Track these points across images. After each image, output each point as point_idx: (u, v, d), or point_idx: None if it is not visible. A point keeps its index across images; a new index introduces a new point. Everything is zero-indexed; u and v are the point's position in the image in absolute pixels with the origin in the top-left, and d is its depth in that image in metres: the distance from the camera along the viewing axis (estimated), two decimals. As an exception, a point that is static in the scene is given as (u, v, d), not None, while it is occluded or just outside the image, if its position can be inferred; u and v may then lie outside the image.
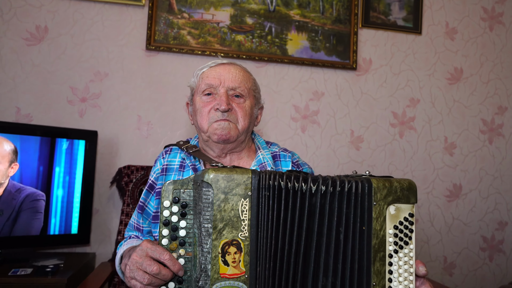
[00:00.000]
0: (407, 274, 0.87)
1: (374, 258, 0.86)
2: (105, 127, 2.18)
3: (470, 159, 2.54)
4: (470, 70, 2.57)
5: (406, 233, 0.88)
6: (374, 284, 0.85)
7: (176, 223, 0.88)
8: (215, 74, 1.21)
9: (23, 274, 1.62)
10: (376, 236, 0.86)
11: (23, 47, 2.13)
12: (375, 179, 0.88)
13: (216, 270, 0.83)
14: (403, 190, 0.88)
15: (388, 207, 0.87)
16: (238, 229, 0.84)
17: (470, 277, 2.50)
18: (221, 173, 0.85)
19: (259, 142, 1.32)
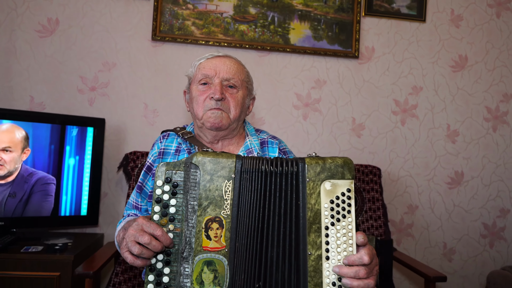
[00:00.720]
0: (345, 245, 0.93)
1: (309, 229, 0.93)
2: (113, 115, 2.28)
3: (473, 147, 2.55)
4: (475, 58, 2.56)
5: (344, 207, 0.94)
6: (309, 253, 0.92)
7: (167, 201, 0.97)
8: (211, 66, 1.31)
9: (34, 251, 1.76)
10: (311, 210, 0.93)
11: (36, 39, 2.24)
12: (309, 158, 0.95)
13: (199, 243, 0.92)
14: (337, 167, 0.95)
15: (323, 183, 0.94)
16: (221, 207, 0.93)
17: (469, 263, 2.54)
18: (208, 156, 0.95)
19: (249, 130, 1.41)
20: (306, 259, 0.93)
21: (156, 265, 0.96)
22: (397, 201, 2.49)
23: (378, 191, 2.28)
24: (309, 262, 0.93)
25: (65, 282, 1.74)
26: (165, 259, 0.96)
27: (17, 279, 1.72)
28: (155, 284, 0.95)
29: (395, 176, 2.49)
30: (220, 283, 0.92)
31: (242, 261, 0.94)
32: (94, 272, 1.58)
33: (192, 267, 0.92)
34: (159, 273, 0.96)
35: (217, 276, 0.92)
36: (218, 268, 0.93)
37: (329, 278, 0.93)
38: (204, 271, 0.92)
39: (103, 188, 2.27)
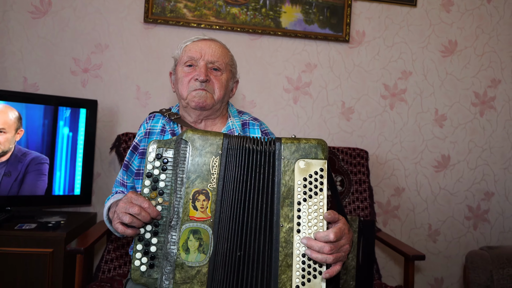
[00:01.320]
0: (316, 221, 1.00)
1: (283, 203, 1.00)
2: (106, 97, 2.32)
3: (460, 131, 2.60)
4: (465, 43, 2.59)
5: (316, 185, 1.01)
6: (282, 225, 1.00)
7: (157, 175, 1.04)
8: (197, 48, 1.36)
9: (27, 228, 1.81)
10: (284, 185, 1.01)
11: (29, 20, 2.26)
12: (285, 138, 1.03)
13: (186, 213, 1.00)
14: (311, 147, 1.02)
15: (297, 161, 1.01)
16: (208, 181, 1.01)
17: (453, 244, 2.62)
18: (198, 133, 1.03)
19: (231, 111, 1.46)
20: (279, 231, 1.00)
21: (144, 236, 1.03)
22: (385, 183, 2.55)
23: (365, 174, 2.34)
24: (281, 233, 1.00)
25: (58, 258, 1.80)
26: (154, 230, 1.03)
27: (11, 255, 1.78)
28: (143, 253, 1.02)
29: (383, 159, 2.54)
30: (204, 250, 1.00)
31: (225, 231, 1.01)
32: (85, 248, 1.65)
33: (179, 234, 0.99)
34: (147, 243, 1.03)
35: (202, 244, 1.00)
36: (203, 236, 1.00)
37: (299, 249, 1.00)
38: (190, 239, 1.00)
39: (96, 168, 2.32)
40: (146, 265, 1.02)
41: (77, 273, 1.65)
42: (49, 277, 1.80)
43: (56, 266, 1.81)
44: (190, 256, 0.99)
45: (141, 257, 1.02)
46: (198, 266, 1.00)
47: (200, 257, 1.00)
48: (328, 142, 2.49)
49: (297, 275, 0.99)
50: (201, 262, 1.00)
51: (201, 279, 0.99)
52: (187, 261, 0.99)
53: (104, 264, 2.06)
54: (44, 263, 1.79)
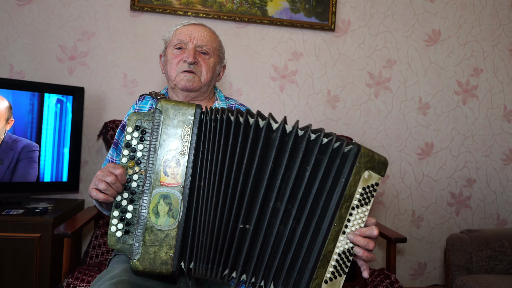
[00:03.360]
0: (358, 227, 1.05)
1: (342, 205, 1.03)
2: (93, 84, 2.33)
3: (443, 119, 2.65)
4: (448, 32, 2.63)
5: (369, 196, 1.05)
6: (335, 224, 1.03)
7: (135, 146, 1.06)
8: (186, 32, 1.41)
9: (15, 213, 1.83)
10: (349, 189, 1.03)
11: (14, 7, 2.25)
12: (363, 147, 1.04)
13: (157, 178, 1.03)
14: (379, 163, 1.05)
15: (365, 171, 1.03)
16: (180, 148, 1.04)
17: (436, 230, 2.68)
18: (171, 103, 1.05)
19: (219, 96, 1.51)
20: (330, 229, 1.03)
21: (121, 203, 1.05)
22: (369, 170, 2.59)
23: (350, 161, 2.38)
24: (332, 232, 1.03)
25: (45, 242, 1.82)
26: (130, 197, 1.05)
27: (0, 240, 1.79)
28: (119, 219, 1.04)
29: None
30: (174, 215, 1.03)
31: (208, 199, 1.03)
32: (72, 232, 1.67)
33: (149, 199, 1.03)
34: (124, 210, 1.05)
35: (171, 208, 1.03)
36: (173, 201, 1.03)
37: (339, 248, 1.04)
38: (160, 203, 1.03)
39: (83, 155, 2.33)
40: (121, 231, 1.04)
41: (64, 257, 1.67)
42: (37, 261, 1.82)
43: (44, 250, 1.83)
44: (160, 219, 1.03)
45: (117, 223, 1.04)
46: (167, 229, 1.03)
47: (169, 221, 1.03)
48: (314, 129, 2.52)
49: (330, 270, 1.04)
50: (170, 226, 1.03)
51: (169, 243, 1.03)
52: (157, 224, 1.03)
53: (92, 250, 2.08)
54: (32, 247, 1.81)
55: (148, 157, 1.04)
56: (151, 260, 1.03)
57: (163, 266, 1.03)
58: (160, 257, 1.03)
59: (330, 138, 1.05)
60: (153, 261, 1.03)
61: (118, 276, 1.12)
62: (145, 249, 1.02)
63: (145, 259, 1.02)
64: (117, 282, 1.08)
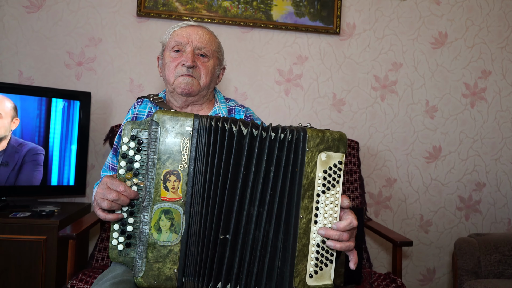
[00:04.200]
0: (332, 212, 1.02)
1: (304, 195, 1.01)
2: (99, 89, 2.36)
3: (451, 122, 2.62)
4: (455, 35, 2.61)
5: (334, 177, 1.02)
6: (301, 217, 1.01)
7: (132, 156, 1.04)
8: (184, 34, 1.38)
9: (21, 216, 1.85)
10: (306, 177, 1.00)
11: (23, 14, 2.30)
12: (310, 129, 1.02)
13: (158, 193, 1.01)
14: (334, 140, 1.02)
15: (320, 154, 1.01)
16: (179, 161, 1.01)
17: (445, 234, 2.64)
18: (168, 114, 1.02)
19: (218, 97, 1.49)
20: (298, 222, 1.01)
21: (122, 216, 1.04)
22: (376, 174, 2.57)
23: (356, 164, 2.36)
24: (300, 225, 1.01)
25: (51, 245, 1.84)
26: (129, 210, 1.05)
27: (6, 242, 1.82)
28: (120, 232, 1.04)
29: (374, 150, 2.56)
30: (176, 230, 1.01)
31: (198, 212, 1.02)
32: (77, 234, 1.68)
33: (150, 215, 1.01)
34: (124, 223, 1.05)
35: (173, 224, 1.01)
36: (175, 216, 1.01)
37: (315, 239, 1.02)
38: (161, 219, 1.01)
39: (90, 160, 2.35)
40: (123, 244, 1.04)
41: (69, 258, 1.68)
42: (43, 263, 1.84)
43: (50, 253, 1.85)
44: (162, 235, 1.01)
45: (118, 236, 1.04)
46: (170, 245, 1.01)
47: (171, 236, 1.01)
48: (320, 133, 2.51)
49: (312, 264, 1.02)
50: (173, 242, 1.01)
51: (173, 258, 1.01)
52: (159, 241, 1.01)
53: (97, 253, 2.09)
54: (37, 250, 1.84)
55: (147, 171, 1.03)
56: (155, 276, 1.01)
57: (168, 282, 1.02)
58: (164, 273, 1.02)
59: (285, 133, 1.04)
60: (157, 277, 1.01)
61: (121, 276, 1.12)
62: (149, 265, 1.01)
63: (149, 275, 1.01)
64: (119, 281, 1.08)
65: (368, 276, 1.97)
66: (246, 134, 1.04)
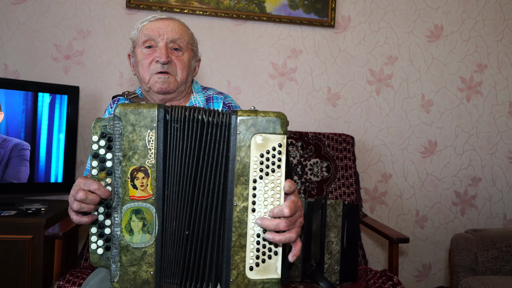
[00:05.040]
0: (272, 199, 0.94)
1: (237, 181, 0.94)
2: (88, 83, 2.29)
3: (447, 117, 2.59)
4: (451, 28, 2.58)
5: (274, 162, 0.94)
6: (235, 204, 0.94)
7: (103, 155, 0.97)
8: (154, 27, 1.30)
9: (6, 215, 1.79)
10: (239, 162, 0.94)
11: (8, 6, 2.22)
12: (241, 111, 0.95)
13: (126, 192, 0.94)
14: (269, 121, 0.94)
15: (254, 136, 0.93)
16: (146, 157, 0.94)
17: (441, 230, 2.61)
18: (129, 107, 0.95)
19: (195, 88, 1.42)
20: (232, 210, 0.94)
21: (98, 218, 0.99)
22: (371, 169, 2.54)
23: (351, 159, 2.32)
24: (235, 213, 0.94)
25: (37, 244, 1.78)
26: (106, 211, 0.99)
27: (-10, 241, 1.76)
28: (98, 235, 0.98)
29: (370, 145, 2.53)
30: (149, 230, 0.95)
31: (173, 208, 0.96)
32: (64, 233, 1.62)
33: (121, 216, 0.95)
34: (101, 225, 0.99)
35: (145, 224, 0.95)
36: (147, 216, 0.95)
37: (253, 229, 0.94)
38: (132, 219, 0.95)
39: (79, 156, 2.29)
40: (102, 247, 0.98)
41: (55, 259, 1.63)
42: (29, 263, 1.78)
43: (36, 252, 1.78)
44: (135, 237, 0.95)
45: (96, 240, 0.98)
46: (144, 247, 0.95)
47: (145, 237, 0.95)
48: (314, 128, 2.47)
49: (251, 255, 0.95)
50: (147, 243, 0.96)
51: (148, 260, 0.96)
52: (132, 243, 0.95)
53: (86, 252, 2.03)
54: (23, 249, 1.77)
55: (113, 170, 0.96)
56: (131, 281, 0.96)
57: (145, 286, 0.96)
58: (140, 276, 0.96)
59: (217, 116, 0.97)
60: (133, 281, 0.96)
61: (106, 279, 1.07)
62: (124, 270, 0.95)
63: (125, 280, 0.95)
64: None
65: (364, 273, 1.93)
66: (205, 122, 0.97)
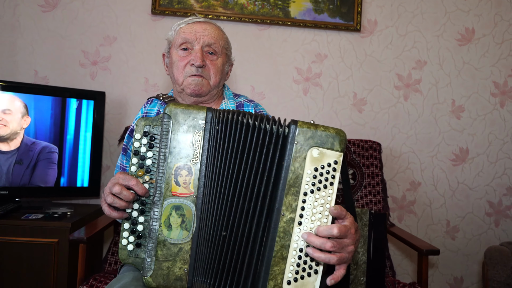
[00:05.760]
0: (320, 215, 0.92)
1: (288, 191, 0.93)
2: (114, 89, 2.32)
3: (479, 123, 2.49)
4: (483, 31, 2.48)
5: (327, 178, 0.93)
6: (283, 214, 0.93)
7: (144, 153, 1.00)
8: (191, 30, 1.32)
9: (33, 218, 1.81)
10: (293, 172, 0.93)
11: (39, 14, 2.28)
12: (301, 122, 0.95)
13: (168, 188, 0.97)
14: (328, 136, 0.93)
15: (311, 149, 0.93)
16: (191, 156, 0.97)
17: (473, 241, 2.50)
18: (180, 107, 0.99)
19: (227, 94, 1.43)
20: (278, 219, 0.93)
21: (131, 214, 0.99)
22: (399, 177, 2.46)
23: (378, 167, 2.26)
24: (281, 223, 0.93)
25: (63, 248, 1.80)
26: (140, 208, 0.99)
27: (17, 245, 1.78)
28: (130, 231, 0.99)
29: (397, 152, 2.45)
30: (187, 227, 0.97)
31: (211, 208, 0.96)
32: (88, 238, 1.62)
33: (161, 210, 0.97)
34: (134, 222, 0.99)
35: (184, 220, 0.96)
36: (186, 213, 0.97)
37: (297, 243, 0.93)
38: (172, 215, 0.97)
39: (105, 161, 2.31)
40: (133, 244, 0.99)
41: (79, 263, 1.63)
42: (55, 266, 1.79)
43: (61, 256, 1.80)
44: (173, 232, 0.96)
45: (128, 236, 0.99)
46: (181, 243, 0.96)
47: (182, 234, 0.96)
48: (340, 134, 2.42)
49: (291, 269, 0.93)
50: (184, 239, 0.96)
51: (183, 257, 0.96)
52: (169, 238, 0.96)
53: (111, 256, 2.04)
54: (49, 253, 1.79)
55: (158, 166, 0.98)
56: (165, 276, 0.96)
57: (178, 283, 0.97)
58: (174, 272, 0.97)
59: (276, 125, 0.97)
60: (166, 277, 0.96)
61: (129, 285, 1.06)
62: (158, 264, 0.96)
63: (158, 275, 0.96)
64: None
65: (391, 285, 1.86)
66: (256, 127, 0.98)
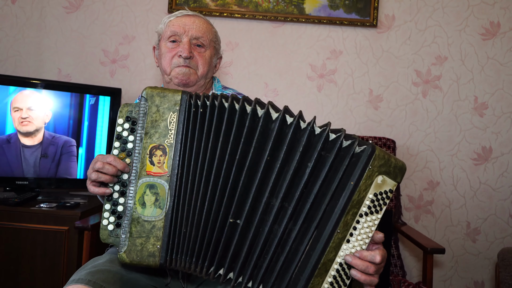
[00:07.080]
0: (365, 236, 0.95)
1: (349, 211, 0.93)
2: (132, 86, 2.40)
3: (504, 121, 2.37)
4: (509, 24, 2.36)
5: (380, 204, 0.95)
6: (338, 231, 0.94)
7: (126, 137, 1.04)
8: (180, 23, 1.36)
9: (48, 207, 1.92)
10: (358, 194, 0.93)
11: (63, 15, 2.40)
12: (378, 148, 0.95)
13: (143, 168, 1.01)
14: (396, 168, 0.95)
15: (378, 176, 0.94)
16: (165, 136, 1.02)
17: (496, 244, 2.38)
18: (156, 90, 1.04)
19: (216, 86, 1.46)
20: (333, 236, 0.94)
21: (112, 195, 1.04)
22: (416, 176, 2.39)
23: (392, 164, 2.20)
24: (334, 239, 0.95)
25: (73, 235, 1.89)
26: (121, 189, 1.04)
27: (32, 231, 1.89)
28: (111, 212, 1.03)
29: (415, 150, 2.38)
30: (160, 205, 1.00)
31: (191, 188, 0.99)
32: (92, 225, 1.70)
33: (135, 189, 1.01)
34: (115, 203, 1.04)
35: (158, 199, 1.00)
36: (160, 191, 1.01)
37: (340, 258, 0.96)
38: (146, 193, 1.01)
39: (122, 155, 2.40)
40: (113, 224, 1.03)
41: (84, 249, 1.71)
42: (65, 252, 1.89)
43: (71, 243, 1.89)
44: (146, 210, 1.00)
45: (108, 216, 1.03)
46: (154, 220, 1.00)
47: (156, 211, 1.00)
48: (354, 131, 2.38)
49: (328, 281, 0.96)
50: (157, 217, 1.00)
51: (156, 234, 1.00)
52: (143, 215, 1.00)
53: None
54: (60, 239, 1.89)
55: (134, 147, 1.03)
56: (138, 252, 1.00)
57: (151, 259, 1.00)
58: (147, 249, 1.00)
59: (339, 135, 0.96)
60: (140, 253, 1.00)
61: (101, 265, 1.11)
62: (132, 240, 1.00)
63: (132, 251, 1.00)
64: (96, 271, 1.06)
65: (397, 284, 1.82)
66: (276, 118, 0.99)
